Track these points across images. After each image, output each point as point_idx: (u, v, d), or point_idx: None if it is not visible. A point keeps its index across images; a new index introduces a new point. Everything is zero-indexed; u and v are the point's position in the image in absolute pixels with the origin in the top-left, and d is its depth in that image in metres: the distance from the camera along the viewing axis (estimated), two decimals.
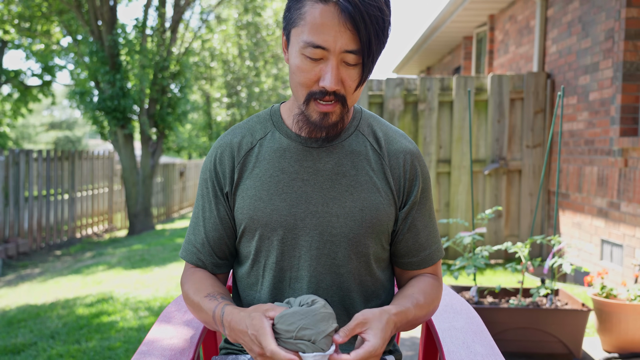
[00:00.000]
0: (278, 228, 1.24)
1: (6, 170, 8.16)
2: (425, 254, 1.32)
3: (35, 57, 14.66)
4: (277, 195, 1.25)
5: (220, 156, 1.30)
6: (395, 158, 1.28)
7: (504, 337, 3.01)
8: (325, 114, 1.18)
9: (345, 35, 1.11)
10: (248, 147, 1.29)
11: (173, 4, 10.72)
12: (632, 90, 4.17)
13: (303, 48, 1.14)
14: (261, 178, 1.26)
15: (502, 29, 7.08)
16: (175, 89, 10.94)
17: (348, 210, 1.24)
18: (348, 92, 1.17)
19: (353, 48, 1.13)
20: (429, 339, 1.56)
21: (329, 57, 1.13)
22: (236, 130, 1.33)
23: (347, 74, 1.15)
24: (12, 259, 8.00)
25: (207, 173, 1.32)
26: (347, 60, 1.14)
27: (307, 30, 1.13)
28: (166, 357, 1.26)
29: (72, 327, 3.77)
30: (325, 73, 1.14)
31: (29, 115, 16.72)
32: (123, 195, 11.61)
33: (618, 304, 3.02)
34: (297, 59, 1.16)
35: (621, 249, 4.14)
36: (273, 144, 1.28)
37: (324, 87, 1.15)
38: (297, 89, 1.19)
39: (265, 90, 16.64)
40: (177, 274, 5.49)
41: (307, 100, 1.18)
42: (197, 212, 1.33)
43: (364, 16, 1.10)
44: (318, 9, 1.11)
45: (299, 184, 1.25)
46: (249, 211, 1.26)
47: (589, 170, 4.68)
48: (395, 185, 1.28)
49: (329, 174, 1.25)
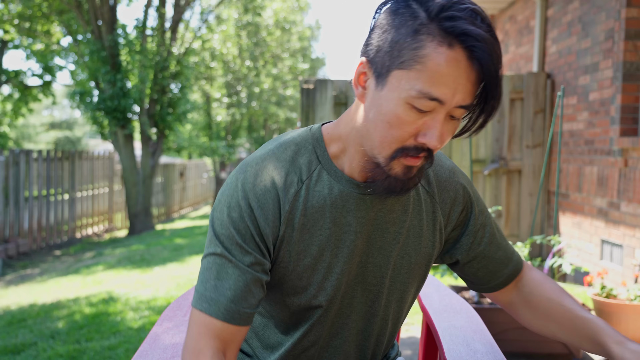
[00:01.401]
0: (329, 287, 1.09)
1: (6, 170, 8.16)
2: (515, 257, 1.23)
3: (35, 57, 14.66)
4: (328, 251, 1.07)
5: (261, 197, 1.03)
6: (448, 194, 1.16)
7: (503, 337, 3.01)
8: (409, 167, 0.99)
9: (466, 88, 0.93)
10: (294, 189, 1.04)
11: (173, 4, 10.73)
12: (632, 90, 4.17)
13: (414, 98, 0.92)
14: (310, 230, 1.06)
15: (502, 29, 7.08)
16: (175, 89, 10.95)
17: (395, 260, 1.12)
18: (441, 145, 0.98)
19: (468, 103, 0.95)
20: (429, 338, 1.57)
21: (438, 110, 0.94)
22: (274, 163, 1.05)
23: (447, 128, 0.97)
24: (12, 259, 8.00)
25: (243, 216, 1.02)
26: (455, 114, 0.96)
27: (426, 78, 0.91)
28: (167, 357, 1.27)
29: (72, 327, 3.78)
30: (430, 128, 0.95)
31: (29, 115, 16.72)
32: (123, 195, 11.62)
33: (618, 304, 3.02)
34: (398, 107, 0.94)
35: (621, 249, 4.14)
36: (322, 189, 1.06)
37: (423, 144, 0.96)
38: (384, 140, 0.97)
39: (265, 90, 16.65)
40: (177, 274, 5.50)
41: (395, 156, 0.97)
42: (217, 264, 1.02)
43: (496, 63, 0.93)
44: (444, 55, 0.91)
45: (352, 238, 1.08)
46: (296, 268, 1.07)
47: (589, 170, 4.68)
48: (446, 219, 1.16)
49: (380, 223, 1.10)
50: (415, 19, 0.92)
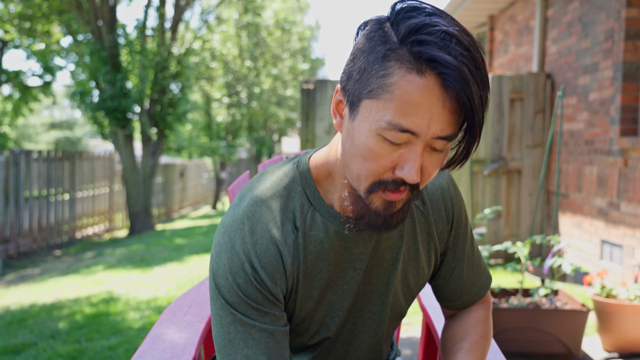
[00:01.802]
0: (330, 323, 1.08)
1: (6, 170, 8.17)
2: (474, 290, 1.19)
3: (35, 57, 14.66)
4: (328, 290, 1.05)
5: (262, 256, 0.97)
6: (438, 209, 1.12)
7: (503, 337, 3.01)
8: (390, 202, 0.92)
9: (442, 118, 0.84)
10: (291, 240, 0.99)
11: (173, 4, 10.74)
12: (632, 90, 4.17)
13: (384, 129, 0.85)
14: (310, 275, 1.02)
15: (501, 29, 7.08)
16: (175, 89, 10.96)
17: (392, 287, 1.10)
18: (424, 179, 0.92)
19: (449, 133, 0.86)
20: (428, 338, 1.57)
21: (414, 142, 0.86)
22: (266, 214, 0.99)
23: (429, 161, 0.89)
24: (13, 259, 8.00)
25: (250, 281, 0.96)
26: (435, 145, 0.88)
27: (394, 108, 0.84)
28: (167, 357, 1.27)
29: (72, 327, 3.78)
30: (406, 162, 0.87)
31: (29, 115, 16.73)
32: (123, 195, 11.62)
33: (618, 304, 3.02)
34: (370, 140, 0.87)
35: (621, 249, 4.15)
36: (318, 233, 1.01)
37: (401, 178, 0.89)
38: (360, 173, 0.91)
39: (265, 90, 16.65)
40: (177, 274, 5.50)
41: (372, 190, 0.91)
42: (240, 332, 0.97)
43: (472, 92, 0.83)
44: (413, 83, 0.83)
45: (351, 274, 1.05)
46: (300, 312, 1.05)
47: (588, 170, 4.68)
48: (440, 239, 1.13)
49: (377, 251, 1.06)
50: (385, 44, 0.85)
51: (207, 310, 1.54)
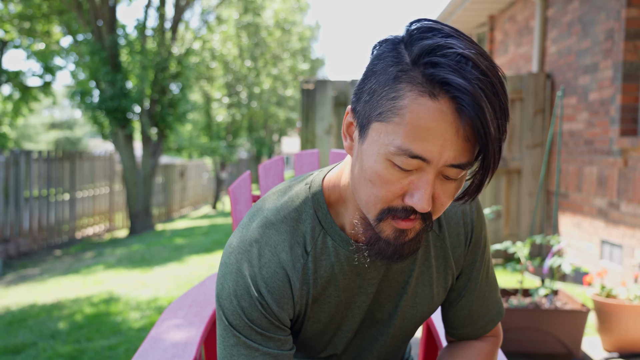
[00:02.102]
0: (338, 343, 1.07)
1: (6, 170, 8.17)
2: (481, 323, 1.11)
3: (35, 57, 14.66)
4: (337, 314, 1.03)
5: (269, 282, 0.95)
6: (456, 234, 1.05)
7: (503, 337, 3.01)
8: (402, 231, 0.87)
9: (456, 145, 0.79)
10: (300, 264, 0.97)
11: (173, 4, 10.74)
12: (632, 90, 4.17)
13: (393, 155, 0.81)
14: (318, 300, 1.00)
15: (501, 30, 7.08)
16: (175, 89, 10.96)
17: (401, 310, 1.06)
18: (437, 208, 0.86)
19: (462, 161, 0.81)
20: (429, 338, 1.57)
21: (425, 169, 0.81)
22: (275, 237, 0.96)
23: (442, 190, 0.84)
24: (13, 259, 8.00)
25: (257, 308, 0.94)
26: (448, 174, 0.82)
27: (405, 133, 0.79)
28: (168, 357, 1.27)
29: (72, 327, 3.78)
30: (417, 189, 0.82)
31: (29, 115, 16.73)
32: (123, 195, 11.62)
33: (618, 304, 3.02)
34: (378, 165, 0.83)
35: (621, 249, 4.15)
36: (329, 257, 0.98)
37: (411, 207, 0.84)
38: (369, 200, 0.86)
39: (265, 90, 16.65)
40: (177, 274, 5.50)
41: (382, 218, 0.86)
42: (243, 355, 0.96)
43: (488, 119, 0.78)
44: (425, 107, 0.78)
45: (363, 299, 1.02)
46: (306, 332, 1.04)
47: (588, 171, 4.68)
48: (457, 263, 1.07)
49: (387, 273, 1.02)
50: (397, 65, 0.81)
51: (207, 310, 1.54)
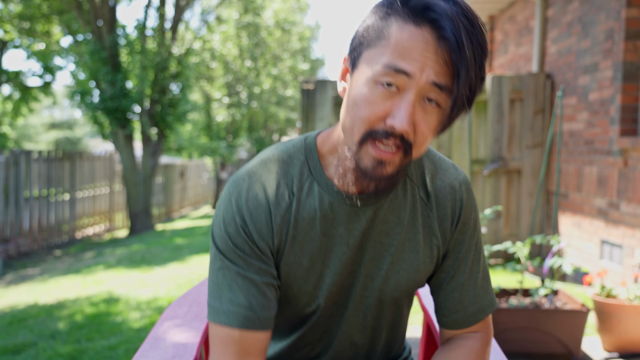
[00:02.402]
0: (320, 296, 1.09)
1: (6, 170, 8.17)
2: (471, 311, 1.12)
3: (35, 57, 14.66)
4: (319, 262, 1.06)
5: (253, 212, 1.02)
6: (444, 206, 1.09)
7: (503, 337, 3.02)
8: (380, 161, 0.93)
9: (436, 65, 0.89)
10: (285, 203, 1.03)
11: (173, 4, 10.74)
12: (632, 90, 4.17)
13: (380, 74, 0.90)
14: (300, 242, 1.04)
15: (501, 30, 7.08)
16: (175, 90, 10.96)
17: (385, 273, 1.08)
18: (418, 139, 0.93)
19: (443, 82, 0.90)
20: (429, 338, 1.57)
21: (407, 89, 0.90)
22: (265, 175, 1.05)
23: (423, 117, 0.92)
24: (13, 259, 8.00)
25: (238, 231, 1.02)
26: (430, 96, 0.91)
27: (390, 51, 0.90)
28: (168, 357, 1.27)
29: (72, 327, 3.78)
30: (398, 110, 0.90)
31: (29, 115, 16.73)
32: (123, 195, 11.62)
33: (618, 304, 3.02)
34: (365, 87, 0.92)
35: (621, 249, 4.15)
36: (313, 201, 1.04)
37: (391, 127, 0.90)
38: (353, 124, 0.93)
39: (265, 90, 16.65)
40: (177, 274, 5.50)
41: (364, 141, 0.93)
42: (227, 277, 1.03)
43: (465, 45, 0.87)
44: (408, 32, 0.89)
45: (344, 250, 1.06)
46: (288, 279, 1.07)
47: (588, 171, 4.68)
48: (443, 236, 1.10)
49: (373, 234, 1.06)
50: (389, 7, 0.93)
51: None
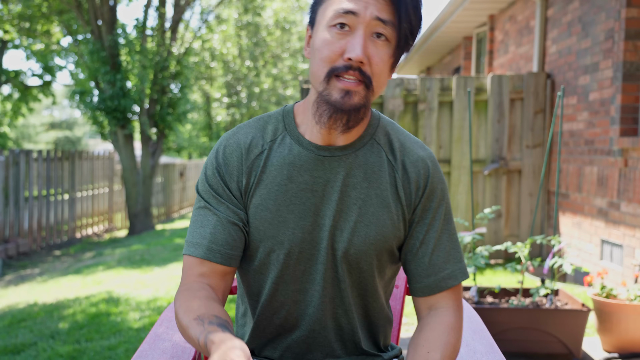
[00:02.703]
0: (285, 241, 1.16)
1: (6, 170, 8.16)
2: (442, 275, 1.18)
3: (35, 57, 14.66)
4: (284, 207, 1.16)
5: (228, 155, 1.18)
6: (409, 171, 1.19)
7: (504, 337, 3.01)
8: (347, 91, 1.07)
9: (378, 3, 1.06)
10: (257, 150, 1.18)
11: (173, 4, 10.73)
12: (632, 90, 4.17)
13: (332, 18, 1.07)
14: (268, 186, 1.17)
15: (502, 29, 7.08)
16: (175, 89, 10.95)
17: (352, 225, 1.16)
18: (375, 72, 1.08)
19: (386, 17, 1.06)
20: None
21: (357, 26, 1.06)
22: (245, 129, 1.21)
23: (375, 51, 1.08)
24: (12, 259, 8.00)
25: (214, 172, 1.18)
26: (378, 30, 1.07)
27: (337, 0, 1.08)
28: (167, 357, 1.26)
29: (72, 327, 3.78)
30: (351, 44, 1.06)
31: (29, 115, 16.73)
32: (123, 195, 11.61)
33: (618, 304, 3.02)
34: (324, 34, 1.09)
35: (621, 249, 4.14)
36: (283, 150, 1.18)
37: (349, 58, 1.06)
38: (318, 67, 1.09)
39: (265, 90, 16.65)
40: (177, 274, 5.49)
41: (329, 77, 1.08)
42: (201, 215, 1.18)
43: None
44: None
45: (308, 195, 1.16)
46: (254, 221, 1.17)
47: (589, 170, 4.68)
48: (407, 199, 1.18)
49: (339, 186, 1.16)
50: None
51: None
